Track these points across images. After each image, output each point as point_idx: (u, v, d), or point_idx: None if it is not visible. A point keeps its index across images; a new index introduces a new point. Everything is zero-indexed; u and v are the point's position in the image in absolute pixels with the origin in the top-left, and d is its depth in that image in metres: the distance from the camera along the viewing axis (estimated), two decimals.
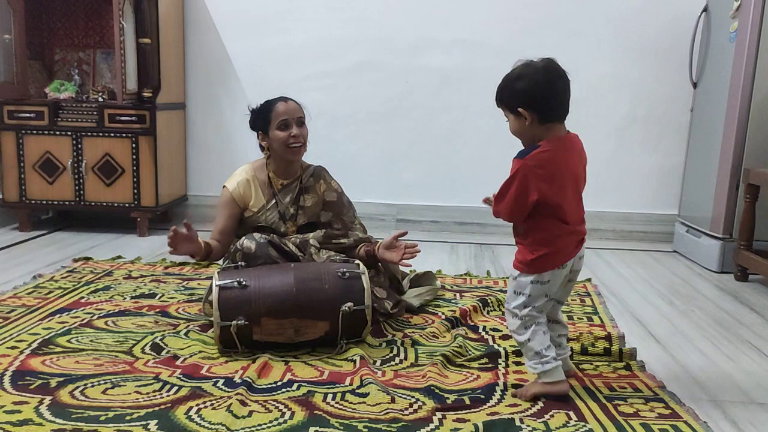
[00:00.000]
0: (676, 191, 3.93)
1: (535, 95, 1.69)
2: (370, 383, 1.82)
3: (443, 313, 2.49)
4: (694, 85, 3.70)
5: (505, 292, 2.77)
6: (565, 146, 1.72)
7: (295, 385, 1.83)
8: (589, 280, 3.08)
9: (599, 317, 2.52)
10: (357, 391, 1.79)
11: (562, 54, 4.37)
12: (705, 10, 3.60)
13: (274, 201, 2.44)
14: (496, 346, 2.14)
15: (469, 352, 2.10)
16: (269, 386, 1.82)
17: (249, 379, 1.83)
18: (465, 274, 3.14)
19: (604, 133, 4.02)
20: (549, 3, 3.92)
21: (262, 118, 2.41)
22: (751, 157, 3.20)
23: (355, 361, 1.98)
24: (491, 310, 2.55)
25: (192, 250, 2.26)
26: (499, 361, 2.03)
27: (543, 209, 1.69)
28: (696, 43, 3.65)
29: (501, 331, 2.32)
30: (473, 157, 4.10)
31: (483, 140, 4.08)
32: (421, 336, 2.23)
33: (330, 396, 1.77)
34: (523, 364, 1.91)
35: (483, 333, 2.30)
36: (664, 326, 2.50)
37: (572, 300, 2.74)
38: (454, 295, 2.76)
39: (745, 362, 2.15)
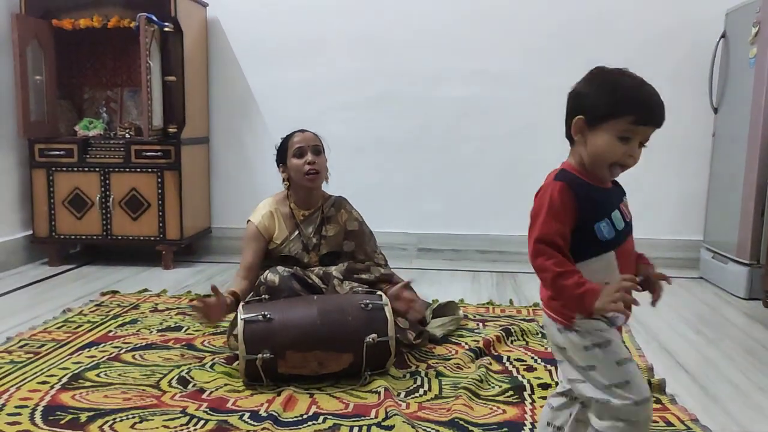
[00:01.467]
0: (700, 216, 3.89)
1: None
2: (395, 415, 1.81)
3: (467, 343, 2.48)
4: (715, 111, 3.69)
5: (529, 321, 2.77)
6: None
7: (321, 418, 1.84)
8: None
9: (625, 346, 2.48)
10: (383, 423, 1.79)
11: None
12: (723, 36, 3.61)
13: (297, 232, 2.48)
14: (520, 378, 2.13)
15: (492, 386, 2.08)
16: (295, 419, 1.83)
17: (275, 413, 1.84)
18: (488, 303, 3.13)
19: None
20: (567, 32, 3.96)
21: (280, 149, 2.49)
22: None
23: (379, 393, 1.98)
24: (515, 340, 2.54)
25: (224, 315, 2.26)
26: (525, 395, 2.00)
27: None
28: (715, 68, 3.65)
29: (525, 361, 2.30)
30: (493, 186, 4.11)
31: (503, 169, 4.09)
32: (445, 367, 2.22)
33: (356, 429, 1.77)
34: None
35: (507, 364, 2.29)
36: (693, 356, 2.46)
37: None
38: (477, 324, 2.75)
39: None
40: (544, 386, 2.03)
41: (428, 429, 1.76)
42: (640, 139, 1.31)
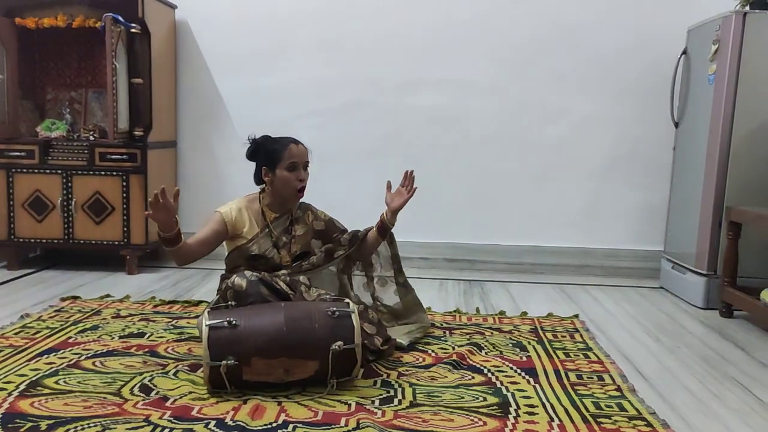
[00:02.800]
0: (661, 228, 3.99)
1: None
2: (367, 426, 1.82)
3: (434, 351, 2.50)
4: (676, 125, 3.78)
5: (496, 329, 2.80)
6: None
7: (291, 426, 1.83)
8: (576, 316, 3.10)
9: (594, 354, 2.54)
10: None
11: (549, 94, 4.51)
12: (684, 52, 3.71)
13: (267, 230, 2.51)
14: (504, 390, 2.13)
15: (475, 397, 2.07)
16: (264, 428, 1.81)
17: (242, 423, 1.83)
18: (454, 311, 3.15)
19: (590, 171, 4.09)
20: (535, 45, 4.02)
21: (271, 154, 2.47)
22: (733, 195, 3.27)
23: (349, 405, 1.98)
24: (488, 352, 2.53)
25: (165, 220, 2.22)
26: (510, 410, 1.98)
27: None
28: (677, 84, 3.75)
29: (505, 372, 2.31)
30: (461, 195, 4.15)
31: (471, 178, 4.13)
32: (417, 378, 2.22)
33: None
34: (536, 414, 1.91)
35: (489, 375, 2.27)
36: (652, 364, 2.52)
37: (562, 336, 2.76)
38: (444, 332, 2.77)
39: (731, 400, 2.17)
40: (531, 404, 2.02)
41: None
42: None
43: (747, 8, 3.31)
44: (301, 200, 2.62)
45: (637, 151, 4.07)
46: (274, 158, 2.46)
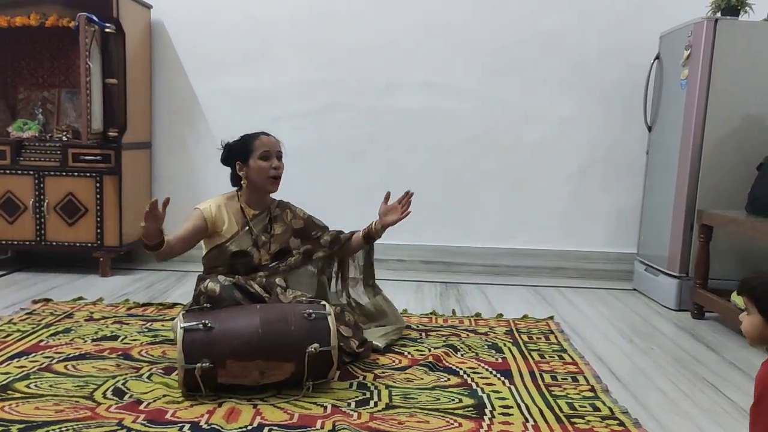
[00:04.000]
0: (634, 230, 4.04)
1: None
2: (343, 428, 1.81)
3: (410, 353, 2.50)
4: (649, 129, 3.84)
5: (471, 331, 2.82)
6: None
7: (266, 429, 1.82)
8: (551, 318, 3.13)
9: (569, 355, 2.56)
10: None
11: (527, 98, 4.55)
12: (658, 58, 3.77)
13: (247, 228, 2.50)
14: (479, 392, 2.14)
15: (451, 399, 2.08)
16: (239, 431, 1.80)
17: (217, 426, 1.81)
18: (431, 313, 3.16)
19: (566, 174, 4.13)
20: (513, 49, 4.06)
21: (242, 148, 2.50)
22: (704, 199, 3.32)
23: (325, 407, 1.98)
24: (464, 353, 2.54)
25: (154, 230, 2.22)
26: (485, 411, 1.99)
27: None
28: (650, 89, 3.81)
29: (481, 373, 2.32)
30: (439, 197, 4.16)
31: (450, 180, 4.15)
32: (393, 380, 2.22)
33: None
34: (511, 414, 1.92)
35: (465, 377, 2.28)
36: (625, 365, 2.55)
37: (537, 338, 2.78)
38: (420, 334, 2.77)
39: (702, 400, 2.21)
40: (506, 405, 2.04)
41: None
42: None
43: (718, 15, 3.37)
44: (280, 199, 2.62)
45: (612, 154, 4.13)
46: (246, 150, 2.49)
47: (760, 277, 1.53)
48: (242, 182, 2.52)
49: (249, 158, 2.48)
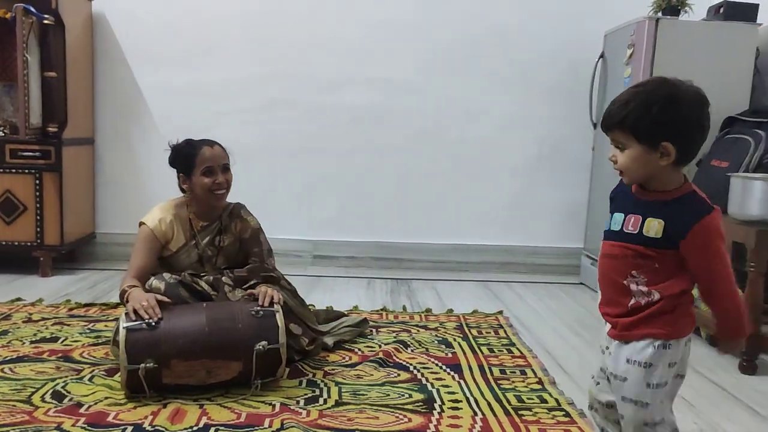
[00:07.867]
0: (581, 226, 4.12)
1: (690, 130, 1.32)
2: (292, 427, 1.79)
3: (360, 350, 2.49)
4: (594, 126, 3.93)
5: (422, 327, 2.82)
6: None
7: (212, 429, 1.78)
8: (500, 312, 3.17)
9: (518, 349, 2.60)
10: None
11: (473, 94, 4.57)
12: (602, 56, 3.85)
13: (194, 242, 2.39)
14: (429, 387, 2.15)
15: (400, 394, 2.08)
16: None
17: (161, 428, 1.77)
18: (381, 309, 3.16)
19: (513, 170, 4.19)
20: (458, 46, 4.08)
21: (185, 160, 2.34)
22: None
23: (274, 405, 1.95)
24: (414, 349, 2.54)
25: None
26: (435, 405, 2.00)
27: None
28: (595, 86, 3.89)
29: (431, 368, 2.33)
30: (388, 193, 4.17)
31: (398, 176, 4.15)
32: (343, 377, 2.21)
33: None
34: (461, 408, 1.92)
35: (415, 372, 2.29)
36: (573, 357, 2.60)
37: (487, 332, 2.81)
38: (371, 331, 2.76)
39: None
40: (455, 400, 2.04)
41: None
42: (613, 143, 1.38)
43: (659, 14, 3.47)
44: (235, 203, 2.50)
45: (559, 151, 4.20)
46: (189, 165, 2.33)
47: (623, 104, 1.32)
48: (187, 195, 2.40)
49: (192, 173, 2.33)
